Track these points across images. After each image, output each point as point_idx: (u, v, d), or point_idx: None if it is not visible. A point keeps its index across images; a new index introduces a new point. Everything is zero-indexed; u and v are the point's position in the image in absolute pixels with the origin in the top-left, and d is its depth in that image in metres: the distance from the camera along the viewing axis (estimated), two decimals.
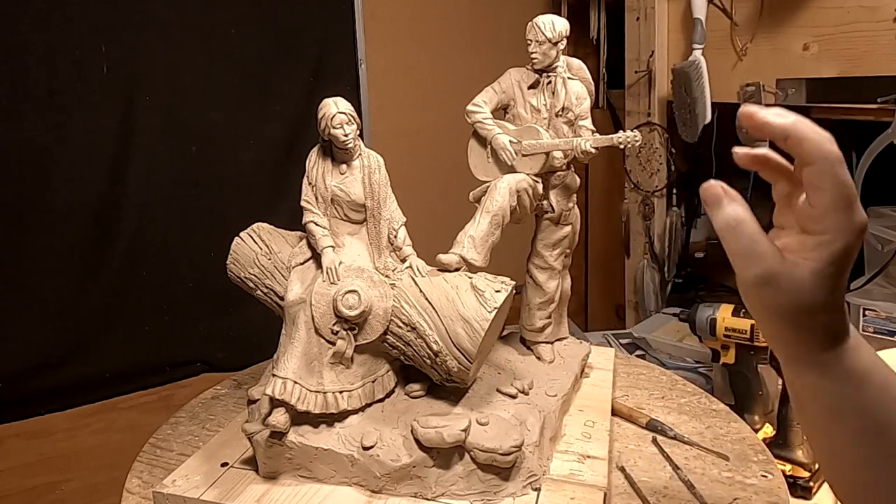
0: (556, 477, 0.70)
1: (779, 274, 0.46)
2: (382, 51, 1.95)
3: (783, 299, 0.47)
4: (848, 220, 0.46)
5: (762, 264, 0.47)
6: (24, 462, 1.47)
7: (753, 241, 0.47)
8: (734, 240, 0.48)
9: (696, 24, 1.69)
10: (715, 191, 0.48)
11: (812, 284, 0.46)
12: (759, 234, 0.47)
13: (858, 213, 0.46)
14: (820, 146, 0.45)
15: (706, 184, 0.48)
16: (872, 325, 1.44)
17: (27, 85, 1.39)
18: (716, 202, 0.48)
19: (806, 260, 0.47)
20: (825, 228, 0.46)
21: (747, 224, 0.47)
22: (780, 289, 0.47)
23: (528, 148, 0.78)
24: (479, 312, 0.68)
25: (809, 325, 0.48)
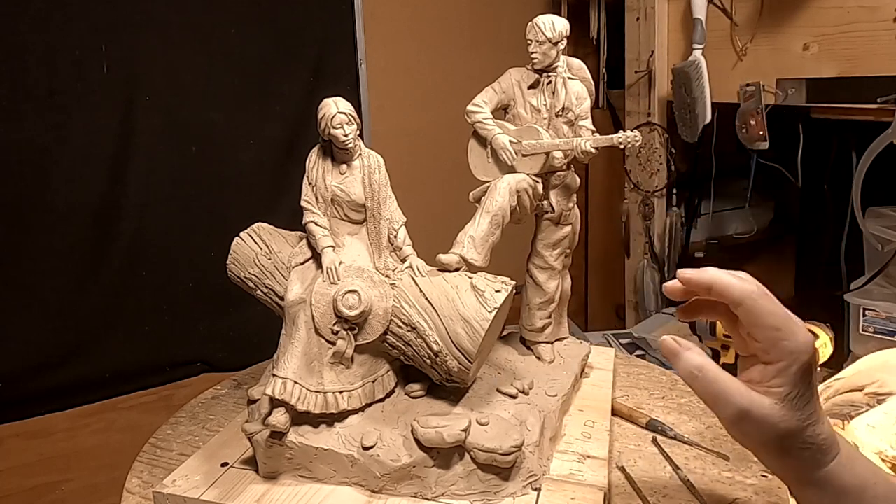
0: (556, 477, 0.70)
1: (748, 410, 0.49)
2: (382, 51, 1.95)
3: (760, 431, 0.50)
4: (793, 344, 0.49)
5: (731, 404, 0.50)
6: (24, 462, 1.47)
7: (717, 383, 0.51)
8: (700, 386, 0.52)
9: (696, 24, 1.69)
10: (669, 345, 0.53)
11: (781, 411, 0.49)
12: (722, 375, 0.51)
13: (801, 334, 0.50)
14: (741, 288, 0.51)
15: (661, 339, 0.54)
16: (872, 325, 1.44)
17: (27, 85, 1.39)
18: (673, 355, 0.53)
19: (770, 388, 0.50)
20: (777, 357, 0.50)
21: (708, 369, 0.51)
22: (754, 422, 0.50)
23: (528, 148, 0.78)
24: (479, 312, 0.68)
25: (793, 447, 0.51)
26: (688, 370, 0.52)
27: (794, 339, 0.49)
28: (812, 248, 2.13)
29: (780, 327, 0.49)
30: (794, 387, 0.49)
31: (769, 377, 0.50)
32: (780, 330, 0.49)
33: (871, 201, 1.53)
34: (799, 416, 0.50)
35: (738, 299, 0.51)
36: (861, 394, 0.97)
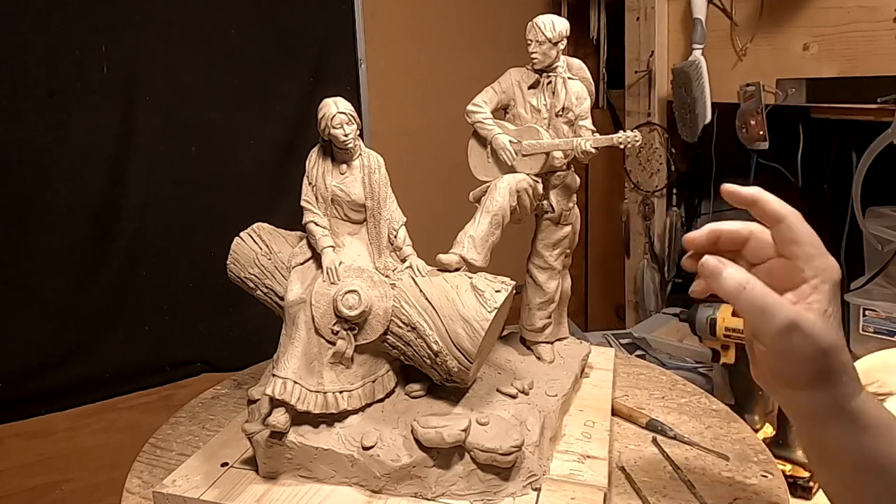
0: (556, 477, 0.70)
1: (798, 319, 0.50)
2: (382, 51, 1.95)
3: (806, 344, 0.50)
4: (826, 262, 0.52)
5: (782, 313, 0.49)
6: (24, 462, 1.47)
7: (765, 295, 0.50)
8: (748, 301, 0.51)
9: (696, 24, 1.69)
10: (712, 264, 0.52)
11: (824, 325, 0.50)
12: (769, 290, 0.51)
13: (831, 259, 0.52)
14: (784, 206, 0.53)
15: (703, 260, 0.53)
16: (872, 325, 1.44)
17: (27, 85, 1.39)
18: (716, 273, 0.52)
19: (810, 304, 0.51)
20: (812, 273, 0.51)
21: (754, 283, 0.51)
22: (802, 333, 0.50)
23: (528, 148, 0.78)
24: (479, 312, 0.68)
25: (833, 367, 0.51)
26: (734, 286, 0.51)
27: (828, 258, 0.52)
28: None
29: (816, 246, 0.52)
30: (829, 304, 0.51)
31: (806, 295, 0.51)
32: (816, 248, 0.52)
33: (871, 201, 1.53)
34: (837, 336, 0.50)
35: (782, 214, 0.52)
36: None
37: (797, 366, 0.51)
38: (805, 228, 0.52)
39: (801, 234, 0.52)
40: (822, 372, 0.51)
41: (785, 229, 0.53)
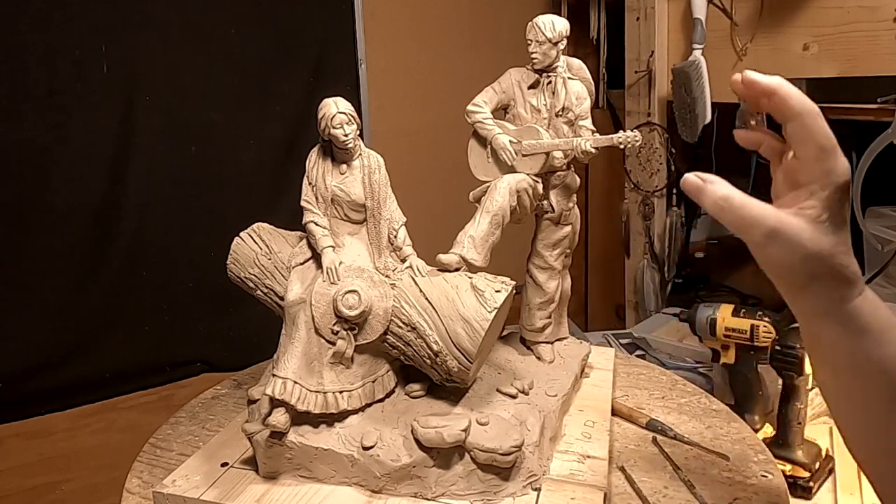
0: (556, 477, 0.70)
1: (779, 228, 0.49)
2: (382, 51, 1.95)
3: (790, 251, 0.50)
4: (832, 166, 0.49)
5: (762, 224, 0.50)
6: (24, 462, 1.47)
7: (745, 207, 0.50)
8: (729, 213, 0.51)
9: (696, 24, 1.69)
10: (693, 181, 0.53)
11: (812, 231, 0.49)
12: (749, 200, 0.51)
13: (841, 162, 0.50)
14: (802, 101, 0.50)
15: (684, 178, 0.53)
16: None
17: (27, 85, 1.39)
18: (698, 190, 0.53)
19: (802, 210, 0.50)
20: (812, 177, 0.50)
21: (734, 196, 0.51)
22: (785, 241, 0.49)
23: (528, 148, 0.78)
24: (479, 312, 0.68)
25: (821, 273, 0.50)
26: (714, 201, 0.51)
27: (836, 161, 0.49)
28: None
29: (825, 148, 0.49)
30: (826, 210, 0.49)
31: (801, 199, 0.50)
32: (824, 150, 0.49)
33: (871, 201, 1.53)
34: (830, 241, 0.49)
35: (798, 111, 0.50)
36: None
37: (784, 271, 0.52)
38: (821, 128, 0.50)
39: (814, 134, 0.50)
40: (810, 276, 0.51)
41: (798, 127, 0.50)
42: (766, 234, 0.50)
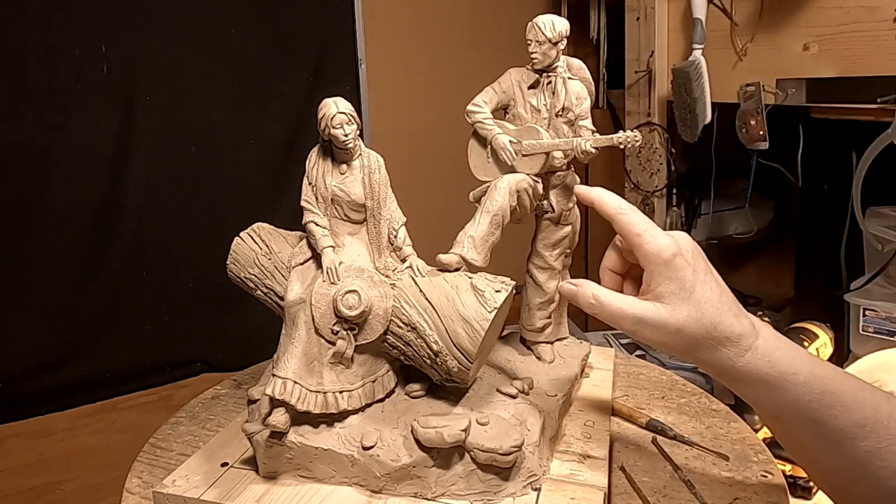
0: (556, 477, 0.70)
1: (640, 316, 0.55)
2: (382, 51, 1.95)
3: (659, 332, 0.55)
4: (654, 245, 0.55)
5: (626, 317, 0.56)
6: (24, 462, 1.48)
7: (611, 304, 0.57)
8: (599, 310, 0.58)
9: (696, 24, 1.69)
10: (567, 289, 0.60)
11: (668, 309, 0.54)
12: (615, 296, 0.57)
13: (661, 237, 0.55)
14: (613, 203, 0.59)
15: (560, 286, 0.61)
16: (872, 325, 1.44)
17: (27, 85, 1.39)
18: (573, 294, 0.59)
19: (652, 290, 0.55)
20: (646, 260, 0.56)
21: (601, 294, 0.57)
22: (650, 326, 0.55)
23: (528, 148, 0.78)
24: (479, 312, 0.68)
25: (696, 341, 0.55)
26: (587, 302, 0.58)
27: (655, 241, 0.55)
28: (812, 248, 2.13)
29: (641, 233, 0.56)
30: (670, 282, 0.54)
31: (647, 281, 0.56)
32: (641, 235, 0.56)
33: (871, 201, 1.53)
34: (687, 312, 0.54)
35: (611, 213, 0.58)
36: None
37: (665, 347, 0.57)
38: (632, 220, 0.57)
39: (629, 227, 0.57)
40: (689, 346, 0.55)
41: (616, 227, 0.58)
42: (634, 324, 0.56)
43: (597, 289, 0.58)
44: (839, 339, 1.30)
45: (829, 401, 0.52)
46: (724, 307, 0.55)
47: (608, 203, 0.59)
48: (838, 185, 1.68)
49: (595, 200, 0.60)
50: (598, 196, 0.60)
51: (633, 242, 0.57)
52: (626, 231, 0.57)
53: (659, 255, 0.55)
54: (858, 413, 0.52)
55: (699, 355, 0.56)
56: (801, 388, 0.53)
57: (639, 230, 0.56)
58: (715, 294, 0.55)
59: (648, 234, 0.56)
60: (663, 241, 0.55)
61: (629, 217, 0.57)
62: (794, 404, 0.53)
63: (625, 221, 0.57)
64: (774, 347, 0.55)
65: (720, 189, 1.91)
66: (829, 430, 0.52)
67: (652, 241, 0.55)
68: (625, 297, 0.57)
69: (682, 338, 0.55)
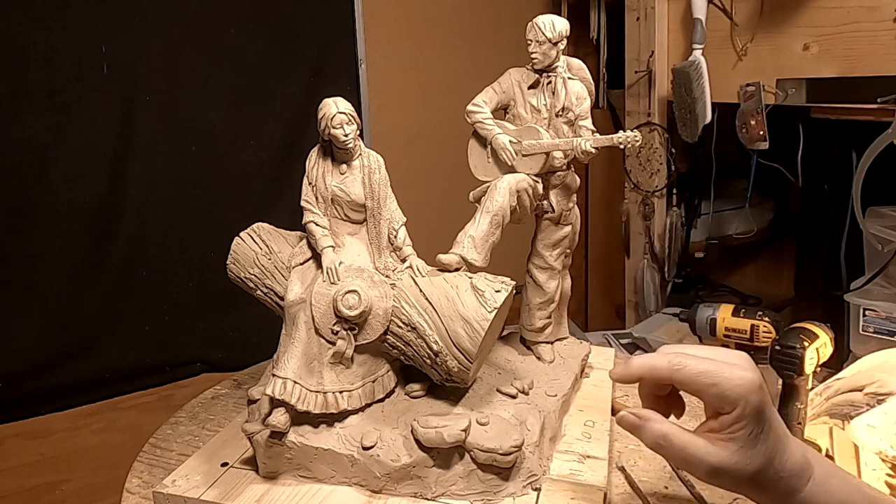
0: (556, 477, 0.70)
1: (718, 466, 0.51)
2: (382, 51, 1.95)
3: (734, 479, 0.52)
4: (735, 392, 0.50)
5: (702, 465, 0.51)
6: (24, 462, 1.47)
7: (685, 448, 0.52)
8: (668, 454, 0.53)
9: (696, 24, 1.69)
10: (630, 420, 0.55)
11: (747, 453, 0.51)
12: (686, 439, 0.52)
13: (737, 378, 0.50)
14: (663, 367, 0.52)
15: (620, 417, 0.55)
16: (872, 325, 1.44)
17: (27, 85, 1.38)
18: (636, 428, 0.54)
19: (732, 435, 0.51)
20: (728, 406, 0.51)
21: (673, 436, 0.53)
22: (726, 473, 0.51)
23: (528, 148, 0.78)
24: (479, 312, 0.68)
25: (766, 480, 0.52)
26: (654, 440, 0.53)
27: (734, 386, 0.50)
28: (812, 248, 2.12)
29: (716, 382, 0.50)
30: (753, 426, 0.50)
31: (727, 425, 0.51)
32: (717, 384, 0.50)
33: (871, 201, 1.53)
34: (764, 452, 0.51)
35: (668, 378, 0.53)
36: (861, 394, 0.97)
37: (732, 489, 0.53)
38: (696, 372, 0.51)
39: (695, 381, 0.51)
40: (755, 487, 0.52)
41: (680, 385, 0.53)
42: (709, 472, 0.51)
43: (669, 428, 0.53)
44: (839, 339, 1.30)
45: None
46: (785, 436, 0.53)
47: (657, 367, 0.53)
48: (838, 185, 1.68)
49: (642, 373, 0.54)
50: (641, 368, 0.54)
51: (708, 394, 0.51)
52: (696, 386, 0.51)
53: (746, 400, 0.50)
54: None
55: (763, 493, 0.53)
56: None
57: (711, 380, 0.51)
58: (780, 423, 0.53)
59: (723, 379, 0.50)
60: (741, 382, 0.50)
61: (690, 371, 0.51)
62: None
63: (688, 378, 0.51)
64: (830, 476, 0.54)
65: (720, 189, 1.91)
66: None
67: (732, 389, 0.50)
68: (699, 440, 0.52)
69: (755, 482, 0.52)
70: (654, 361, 0.53)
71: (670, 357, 0.52)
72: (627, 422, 0.54)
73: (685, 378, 0.51)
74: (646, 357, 0.54)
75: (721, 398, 0.50)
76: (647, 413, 0.54)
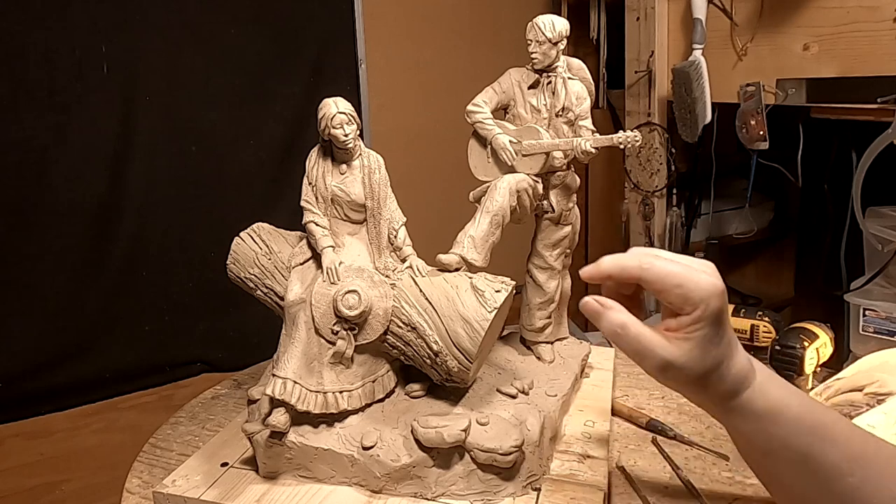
0: (556, 477, 0.70)
1: (670, 360, 0.53)
2: (382, 51, 1.95)
3: (682, 375, 0.54)
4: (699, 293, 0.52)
5: (654, 357, 0.53)
6: (24, 462, 1.48)
7: (639, 338, 0.54)
8: (624, 343, 0.55)
9: (696, 24, 1.69)
10: (592, 306, 0.56)
11: (699, 354, 0.53)
12: (644, 331, 0.54)
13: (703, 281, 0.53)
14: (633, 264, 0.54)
15: (583, 302, 0.57)
16: (872, 325, 1.44)
17: (27, 85, 1.39)
18: (597, 314, 0.56)
19: (688, 335, 0.53)
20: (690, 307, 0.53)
21: (630, 326, 0.54)
22: (676, 369, 0.53)
23: (528, 148, 0.78)
24: (479, 312, 0.68)
25: (710, 382, 0.54)
26: (611, 328, 0.55)
27: (698, 288, 0.52)
28: (812, 248, 2.12)
29: (681, 283, 0.52)
30: (709, 328, 0.53)
31: (685, 325, 0.53)
32: (682, 286, 0.52)
33: (871, 201, 1.53)
34: (714, 354, 0.53)
35: (636, 277, 0.54)
36: (861, 394, 0.96)
37: (680, 388, 0.56)
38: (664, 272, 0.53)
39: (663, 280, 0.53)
40: (699, 388, 0.55)
41: (647, 284, 0.54)
42: (660, 366, 0.53)
43: (626, 317, 0.54)
44: (839, 339, 1.30)
45: (821, 434, 0.53)
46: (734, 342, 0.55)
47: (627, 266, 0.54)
48: (838, 185, 1.68)
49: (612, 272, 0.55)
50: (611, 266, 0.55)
51: (673, 294, 0.53)
52: (662, 284, 0.53)
53: (707, 303, 0.52)
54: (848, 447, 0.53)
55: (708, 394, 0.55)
56: (794, 421, 0.54)
57: (677, 280, 0.52)
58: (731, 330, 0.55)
59: (689, 280, 0.52)
60: (706, 285, 0.52)
61: (658, 271, 0.53)
62: (785, 438, 0.54)
63: (656, 277, 0.53)
64: (768, 381, 0.56)
65: (720, 189, 1.91)
66: (819, 465, 0.53)
67: (696, 291, 0.52)
68: (655, 335, 0.54)
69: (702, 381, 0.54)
70: (624, 261, 0.55)
71: (640, 257, 0.54)
72: (590, 307, 0.56)
73: (653, 277, 0.53)
74: (616, 256, 0.55)
75: (684, 299, 0.52)
76: (609, 302, 0.56)
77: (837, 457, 0.52)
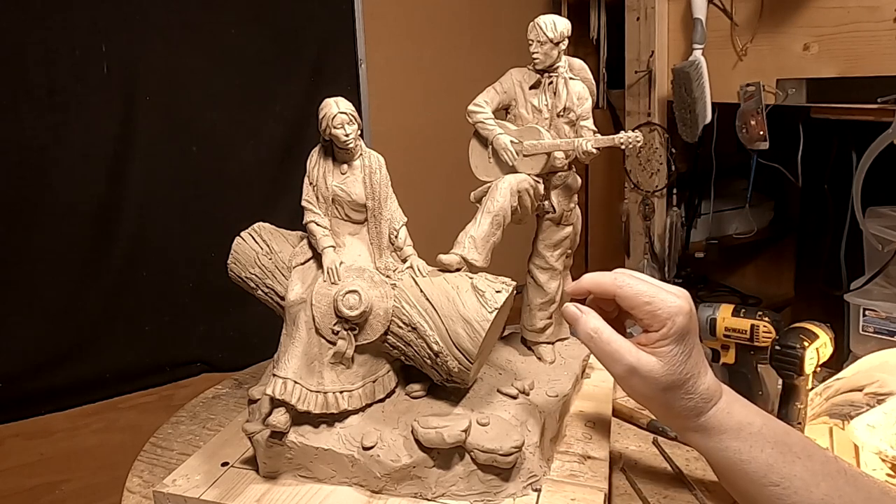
0: (557, 478, 0.70)
1: (636, 367, 0.57)
2: (382, 51, 1.95)
3: (646, 385, 0.57)
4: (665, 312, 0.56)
5: (622, 362, 0.57)
6: (24, 462, 1.48)
7: (610, 344, 0.58)
8: (595, 347, 0.59)
9: (696, 24, 1.69)
10: (571, 311, 0.61)
11: (665, 367, 0.56)
12: (615, 338, 0.58)
13: (670, 301, 0.56)
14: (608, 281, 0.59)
15: (563, 307, 0.62)
16: (872, 325, 1.44)
17: (27, 85, 1.39)
18: (574, 320, 0.60)
19: (656, 349, 0.57)
20: (657, 325, 0.56)
21: (603, 331, 0.59)
22: (641, 377, 0.57)
23: (530, 148, 0.78)
24: (479, 313, 0.68)
25: (675, 398, 0.57)
26: (586, 332, 0.59)
27: (666, 307, 0.56)
28: (812, 248, 2.13)
29: (650, 301, 0.57)
30: (676, 345, 0.56)
31: (654, 340, 0.57)
32: (651, 303, 0.57)
33: (871, 201, 1.53)
34: (681, 371, 0.57)
35: (611, 293, 0.59)
36: (861, 394, 0.97)
37: (644, 399, 0.60)
38: (635, 290, 0.57)
39: (633, 297, 0.57)
40: (664, 403, 0.58)
41: (620, 300, 0.58)
42: (626, 371, 0.57)
43: (600, 323, 0.59)
44: (839, 339, 1.30)
45: (782, 449, 0.56)
46: (703, 363, 0.58)
47: (603, 282, 0.59)
48: (838, 185, 1.68)
49: (591, 287, 0.60)
50: (590, 283, 0.60)
51: (643, 311, 0.57)
52: (632, 302, 0.57)
53: (673, 321, 0.56)
54: (810, 462, 0.55)
55: (671, 409, 0.58)
56: (756, 437, 0.57)
57: (646, 298, 0.57)
58: (700, 352, 0.58)
59: (657, 299, 0.56)
60: (673, 305, 0.56)
61: (630, 288, 0.58)
62: (748, 452, 0.56)
63: (628, 294, 0.57)
64: (734, 401, 0.59)
65: (720, 189, 1.91)
66: (782, 477, 0.55)
67: (663, 308, 0.56)
68: (626, 341, 0.58)
69: (664, 393, 0.57)
70: (601, 278, 0.60)
71: (616, 276, 0.59)
72: (569, 312, 0.61)
73: (625, 294, 0.58)
74: (595, 273, 0.60)
75: (652, 315, 0.56)
76: (588, 309, 0.61)
77: (801, 470, 0.55)
